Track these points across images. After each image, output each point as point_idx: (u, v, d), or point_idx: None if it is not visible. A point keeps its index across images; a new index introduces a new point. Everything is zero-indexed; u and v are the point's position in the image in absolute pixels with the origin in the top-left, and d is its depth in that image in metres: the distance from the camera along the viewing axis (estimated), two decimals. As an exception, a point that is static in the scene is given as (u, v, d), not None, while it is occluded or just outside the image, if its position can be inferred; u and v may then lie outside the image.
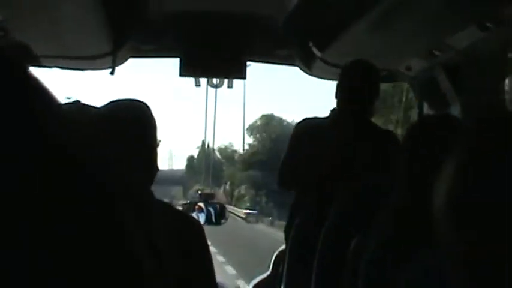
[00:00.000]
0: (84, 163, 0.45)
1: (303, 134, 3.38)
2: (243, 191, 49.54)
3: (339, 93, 3.31)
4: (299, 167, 3.32)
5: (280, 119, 52.94)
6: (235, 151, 60.39)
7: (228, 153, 59.72)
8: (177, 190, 49.14)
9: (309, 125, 3.45)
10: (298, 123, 3.55)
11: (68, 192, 0.43)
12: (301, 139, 3.36)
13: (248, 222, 29.79)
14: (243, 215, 31.68)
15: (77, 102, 1.74)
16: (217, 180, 53.08)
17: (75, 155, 0.44)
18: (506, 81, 3.41)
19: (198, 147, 61.19)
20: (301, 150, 3.31)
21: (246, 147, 55.14)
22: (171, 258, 1.77)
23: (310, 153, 3.24)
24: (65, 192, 0.42)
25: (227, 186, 53.70)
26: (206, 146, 65.27)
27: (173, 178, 48.51)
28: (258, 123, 54.33)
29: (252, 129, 54.76)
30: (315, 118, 3.52)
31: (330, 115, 3.46)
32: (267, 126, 52.33)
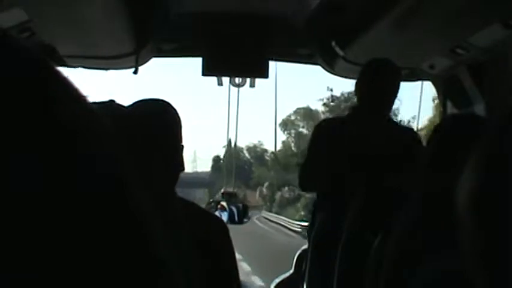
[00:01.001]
0: (104, 160, 0.46)
1: (322, 135, 3.37)
2: (287, 194, 46.58)
3: (359, 91, 3.31)
4: (320, 169, 3.32)
5: (317, 111, 48.59)
6: (266, 150, 57.23)
7: (257, 152, 57.19)
8: (202, 193, 47.09)
9: (328, 125, 3.45)
10: (318, 124, 3.55)
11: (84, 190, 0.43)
12: (321, 140, 3.35)
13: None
14: (298, 228, 26.96)
15: (112, 102, 1.76)
16: (246, 182, 50.34)
17: (96, 153, 0.45)
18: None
19: (224, 147, 56.41)
20: (322, 151, 3.31)
21: (279, 145, 52.19)
22: (195, 256, 1.78)
23: (330, 152, 3.24)
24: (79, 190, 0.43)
25: (264, 189, 50.81)
26: (233, 145, 63.12)
27: (198, 181, 46.77)
28: (293, 117, 51.31)
29: (285, 124, 51.59)
30: (335, 118, 3.53)
31: (349, 112, 3.46)
32: (303, 119, 49.98)
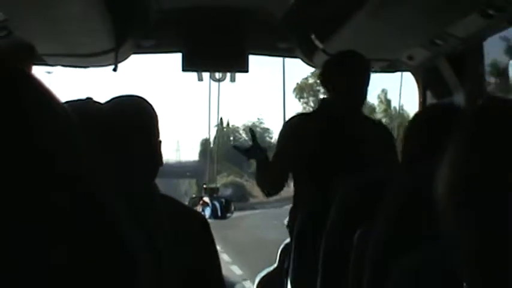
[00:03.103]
0: (74, 168, 0.45)
1: (291, 131, 3.37)
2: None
3: (329, 85, 3.32)
4: (288, 167, 3.35)
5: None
6: (267, 130, 48.54)
7: (256, 133, 48.50)
8: (188, 185, 41.63)
9: (298, 121, 3.46)
10: (286, 122, 3.54)
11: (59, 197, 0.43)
12: (290, 137, 3.35)
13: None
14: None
15: (89, 99, 1.75)
16: (243, 169, 41.65)
17: (65, 161, 0.44)
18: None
19: (215, 126, 46.10)
20: (292, 148, 3.31)
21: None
22: (176, 254, 1.77)
23: (304, 146, 3.24)
24: (53, 197, 0.43)
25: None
26: (225, 125, 50.69)
27: (181, 170, 41.03)
28: (311, 80, 41.24)
29: (301, 90, 42.48)
30: (303, 114, 3.56)
31: (320, 105, 3.47)
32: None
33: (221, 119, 48.73)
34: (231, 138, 50.79)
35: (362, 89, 3.29)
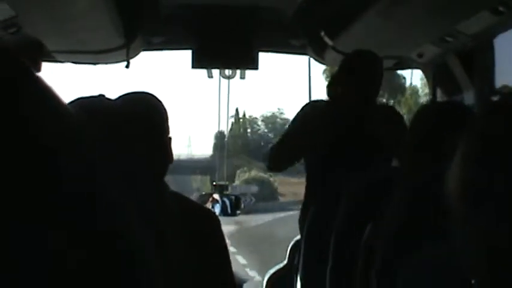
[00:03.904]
0: (71, 164, 0.45)
1: (308, 116, 3.38)
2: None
3: (343, 84, 3.31)
4: (299, 149, 3.35)
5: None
6: (288, 120, 46.04)
7: (276, 124, 45.68)
8: (200, 182, 39.03)
9: (316, 107, 3.45)
10: (305, 105, 3.54)
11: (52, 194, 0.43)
12: (306, 121, 3.36)
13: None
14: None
15: (101, 96, 1.75)
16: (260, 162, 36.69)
17: (63, 157, 0.44)
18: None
19: (232, 116, 43.26)
20: (306, 132, 3.31)
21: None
22: (186, 252, 1.77)
23: (316, 136, 3.25)
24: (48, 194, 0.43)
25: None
26: (241, 116, 47.79)
27: (193, 165, 38.88)
28: None
29: (332, 71, 39.58)
30: (321, 100, 3.54)
31: (331, 101, 3.46)
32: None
33: (237, 109, 47.31)
34: (248, 130, 48.69)
35: (371, 87, 3.28)
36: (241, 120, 48.39)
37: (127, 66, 4.00)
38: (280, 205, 29.35)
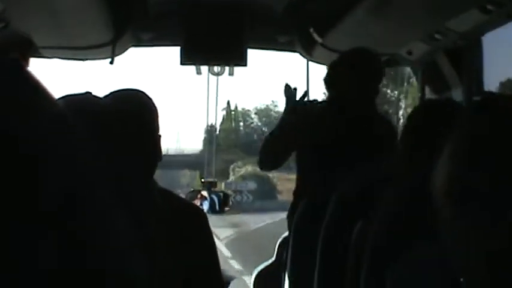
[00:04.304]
0: (49, 161, 0.44)
1: (304, 115, 3.37)
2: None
3: (341, 82, 3.30)
4: (295, 146, 3.33)
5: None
6: (282, 113, 46.02)
7: (271, 117, 44.55)
8: (190, 177, 37.90)
9: (312, 108, 3.45)
10: (302, 98, 3.53)
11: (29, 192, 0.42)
12: (301, 120, 3.35)
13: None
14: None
15: (88, 93, 1.74)
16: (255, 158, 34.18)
17: (45, 156, 0.44)
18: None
19: (223, 109, 42.32)
20: (305, 130, 3.29)
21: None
22: (175, 249, 1.77)
23: (310, 136, 3.24)
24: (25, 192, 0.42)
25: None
26: (233, 108, 46.53)
27: (182, 162, 37.15)
28: None
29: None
30: (315, 101, 3.53)
31: (329, 99, 3.45)
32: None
33: (228, 102, 46.29)
34: (241, 123, 47.66)
35: (369, 84, 3.27)
36: (233, 113, 47.38)
37: (111, 63, 3.98)
38: (281, 204, 27.05)
